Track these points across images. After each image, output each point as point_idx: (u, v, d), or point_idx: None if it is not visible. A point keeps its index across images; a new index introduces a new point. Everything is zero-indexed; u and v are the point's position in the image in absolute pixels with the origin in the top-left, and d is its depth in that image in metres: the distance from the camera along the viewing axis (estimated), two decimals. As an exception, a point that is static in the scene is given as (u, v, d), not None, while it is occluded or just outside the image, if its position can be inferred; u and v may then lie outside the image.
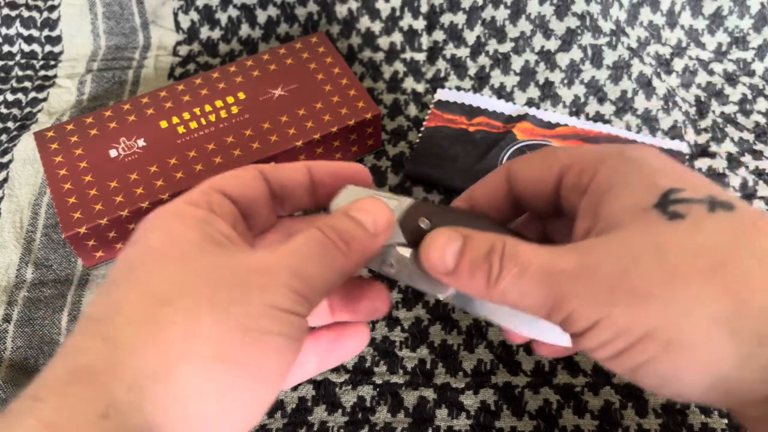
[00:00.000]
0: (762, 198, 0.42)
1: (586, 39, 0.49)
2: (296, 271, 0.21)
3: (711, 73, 0.50)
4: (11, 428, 0.17)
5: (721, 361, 0.19)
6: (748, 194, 0.42)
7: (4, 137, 0.47)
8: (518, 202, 0.26)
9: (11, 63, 0.52)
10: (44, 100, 0.50)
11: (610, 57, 0.49)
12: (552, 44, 0.49)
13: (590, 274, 0.20)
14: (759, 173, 0.44)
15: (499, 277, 0.22)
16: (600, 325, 0.20)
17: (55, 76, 0.51)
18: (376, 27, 0.51)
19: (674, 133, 0.46)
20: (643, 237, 0.20)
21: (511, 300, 0.22)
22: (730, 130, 0.46)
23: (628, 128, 0.46)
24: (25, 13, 0.52)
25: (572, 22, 0.49)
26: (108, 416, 0.17)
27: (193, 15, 0.52)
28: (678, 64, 0.50)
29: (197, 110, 0.42)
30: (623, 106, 0.47)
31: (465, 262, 0.23)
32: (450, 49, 0.50)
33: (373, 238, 0.23)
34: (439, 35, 0.50)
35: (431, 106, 0.47)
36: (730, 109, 0.48)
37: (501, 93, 0.48)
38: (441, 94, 0.47)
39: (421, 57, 0.50)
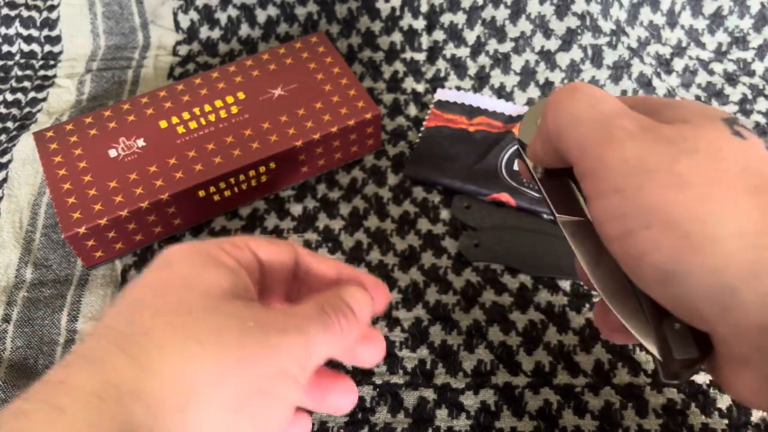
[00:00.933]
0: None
1: (587, 39, 0.49)
2: (309, 343, 0.22)
3: (711, 73, 0.50)
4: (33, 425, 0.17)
5: (732, 272, 0.18)
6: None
7: (3, 137, 0.47)
8: None
9: (11, 63, 0.52)
10: (44, 100, 0.50)
11: (610, 57, 0.49)
12: (552, 44, 0.49)
13: (647, 139, 0.20)
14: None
15: (567, 93, 0.23)
16: (625, 193, 0.20)
17: (54, 75, 0.51)
18: (376, 27, 0.51)
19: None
20: (707, 136, 0.20)
21: (564, 122, 0.23)
22: (730, 130, 0.46)
23: (629, 128, 0.46)
24: (25, 13, 0.52)
25: (572, 21, 0.49)
26: None
27: (193, 15, 0.52)
28: (678, 64, 0.50)
29: (197, 110, 0.42)
30: (623, 106, 0.47)
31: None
32: (450, 49, 0.50)
33: (359, 324, 0.24)
34: (439, 35, 0.50)
35: (431, 106, 0.47)
36: (730, 109, 0.48)
37: (501, 93, 0.48)
38: (441, 94, 0.47)
39: (421, 57, 0.50)
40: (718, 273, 0.18)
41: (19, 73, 0.52)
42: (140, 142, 0.40)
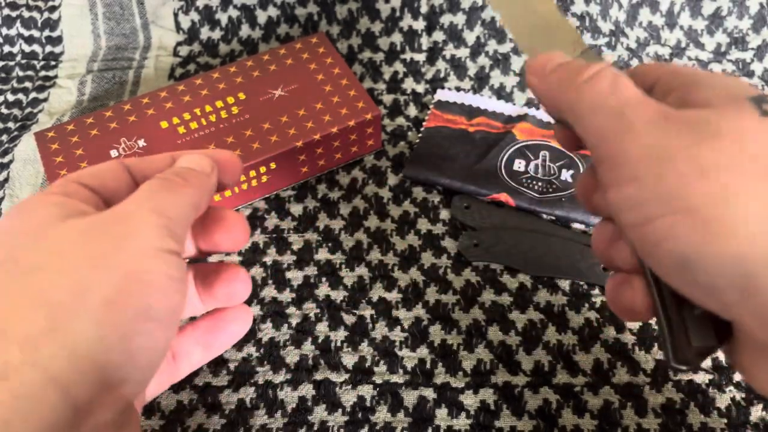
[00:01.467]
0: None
1: (586, 39, 0.49)
2: (154, 208, 0.22)
3: (710, 73, 0.50)
4: None
5: (752, 258, 0.18)
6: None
7: (4, 137, 0.47)
8: None
9: (12, 63, 0.53)
10: (45, 100, 0.50)
11: (609, 57, 0.49)
12: (551, 45, 0.49)
13: (665, 127, 0.20)
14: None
15: (587, 81, 0.22)
16: (643, 181, 0.20)
17: (55, 76, 0.51)
18: (376, 27, 0.51)
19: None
20: (731, 119, 0.20)
21: (583, 105, 0.22)
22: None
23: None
24: (26, 14, 0.52)
25: (572, 22, 0.49)
26: (7, 377, 0.18)
27: (194, 15, 0.52)
28: (677, 64, 0.50)
29: (197, 110, 0.42)
30: (623, 106, 0.47)
31: (562, 68, 0.24)
32: (450, 50, 0.50)
33: (205, 175, 0.25)
34: (438, 36, 0.50)
35: (431, 106, 0.47)
36: (729, 109, 0.48)
37: (501, 93, 0.48)
38: (441, 95, 0.48)
39: (421, 57, 0.50)
40: (739, 259, 0.18)
41: (21, 73, 0.52)
42: (141, 143, 0.41)
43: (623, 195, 0.21)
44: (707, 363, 0.35)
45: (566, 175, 0.42)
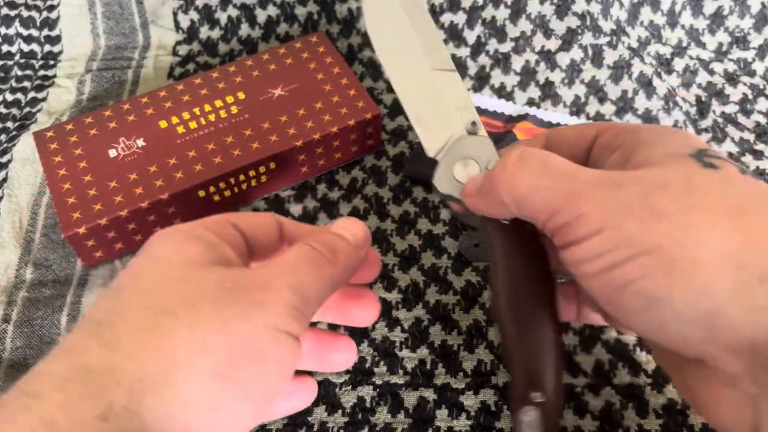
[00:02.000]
0: (763, 198, 0.42)
1: (587, 39, 0.49)
2: (292, 285, 0.21)
3: (711, 72, 0.50)
4: (9, 423, 0.17)
5: (718, 289, 0.18)
6: (749, 194, 0.42)
7: (3, 137, 0.47)
8: None
9: (10, 63, 0.52)
10: (43, 99, 0.50)
11: (610, 57, 0.48)
12: (552, 44, 0.49)
13: (613, 186, 0.21)
14: (760, 173, 0.43)
15: (515, 163, 0.23)
16: (606, 233, 0.20)
17: (54, 75, 0.51)
18: (376, 27, 0.51)
19: (675, 133, 0.46)
20: (675, 171, 0.21)
21: (519, 192, 0.23)
22: (730, 130, 0.46)
23: (629, 128, 0.46)
24: (25, 13, 0.52)
25: (572, 21, 0.49)
26: (107, 419, 0.17)
27: (193, 15, 0.52)
28: (678, 63, 0.50)
29: (197, 110, 0.42)
30: (624, 105, 0.47)
31: (488, 172, 0.25)
32: (450, 49, 0.50)
33: (356, 249, 0.24)
34: (438, 35, 0.50)
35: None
36: (730, 109, 0.48)
37: (501, 93, 0.48)
38: (441, 94, 0.47)
39: (421, 57, 0.50)
40: (705, 294, 0.19)
41: (19, 72, 0.52)
42: (140, 142, 0.40)
43: (585, 248, 0.21)
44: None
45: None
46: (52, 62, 0.52)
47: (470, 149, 0.28)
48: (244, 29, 0.52)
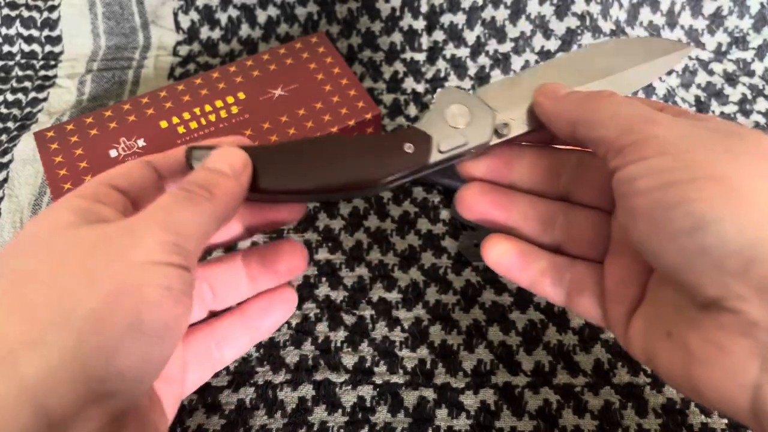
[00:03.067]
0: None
1: (586, 39, 0.49)
2: (162, 223, 0.21)
3: (711, 73, 0.50)
4: None
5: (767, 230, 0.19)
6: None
7: (4, 137, 0.47)
8: None
9: (11, 63, 0.52)
10: (44, 100, 0.50)
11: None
12: (552, 44, 0.49)
13: (689, 123, 0.22)
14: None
15: (605, 98, 0.24)
16: (672, 154, 0.21)
17: (55, 76, 0.51)
18: (376, 27, 0.51)
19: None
20: (751, 131, 0.22)
21: (600, 115, 0.24)
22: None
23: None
24: (25, 13, 0.52)
25: (572, 22, 0.49)
26: None
27: (193, 15, 0.52)
28: (678, 64, 0.50)
29: (197, 110, 0.42)
30: (623, 106, 0.47)
31: (574, 93, 0.26)
32: (450, 49, 0.50)
33: (236, 179, 0.24)
34: (439, 35, 0.50)
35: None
36: (729, 109, 0.48)
37: (501, 93, 0.48)
38: (441, 94, 0.47)
39: (421, 57, 0.50)
40: (756, 226, 0.19)
41: (20, 73, 0.52)
42: (141, 142, 0.41)
43: (646, 165, 0.21)
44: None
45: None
46: (52, 62, 0.52)
47: (449, 98, 0.29)
48: (245, 29, 0.52)
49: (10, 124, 0.48)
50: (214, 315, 0.31)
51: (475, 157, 0.29)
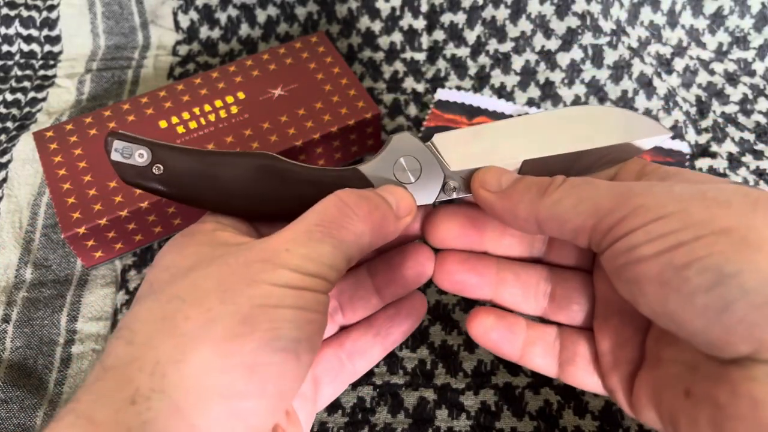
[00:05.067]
0: (763, 198, 0.42)
1: (587, 39, 0.49)
2: (301, 254, 0.22)
3: (712, 72, 0.50)
4: (55, 423, 0.19)
5: None
6: (749, 194, 0.42)
7: (3, 137, 0.47)
8: None
9: (10, 63, 0.52)
10: (43, 99, 0.49)
11: (610, 57, 0.48)
12: (552, 44, 0.49)
13: (666, 185, 0.21)
14: (760, 173, 0.43)
15: (560, 187, 0.23)
16: (670, 217, 0.20)
17: (54, 75, 0.51)
18: (376, 27, 0.51)
19: (675, 132, 0.46)
20: (721, 184, 0.21)
21: (564, 206, 0.22)
22: (730, 130, 0.46)
23: (629, 128, 0.46)
24: (25, 13, 0.52)
25: (573, 21, 0.49)
26: (135, 402, 0.19)
27: (193, 15, 0.52)
28: (679, 63, 0.50)
29: (197, 110, 0.42)
30: (624, 105, 0.47)
31: (521, 183, 0.24)
32: (450, 49, 0.50)
33: (395, 218, 0.24)
34: (439, 35, 0.50)
35: (431, 106, 0.47)
36: (730, 109, 0.48)
37: (501, 93, 0.48)
38: (441, 94, 0.47)
39: (421, 57, 0.50)
40: None
41: (19, 72, 0.52)
42: (140, 142, 0.40)
43: (644, 233, 0.20)
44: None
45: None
46: (52, 62, 0.52)
47: (403, 148, 0.26)
48: (244, 29, 0.52)
49: (9, 124, 0.48)
50: (344, 329, 0.31)
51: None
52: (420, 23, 0.50)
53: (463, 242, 0.28)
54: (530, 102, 0.48)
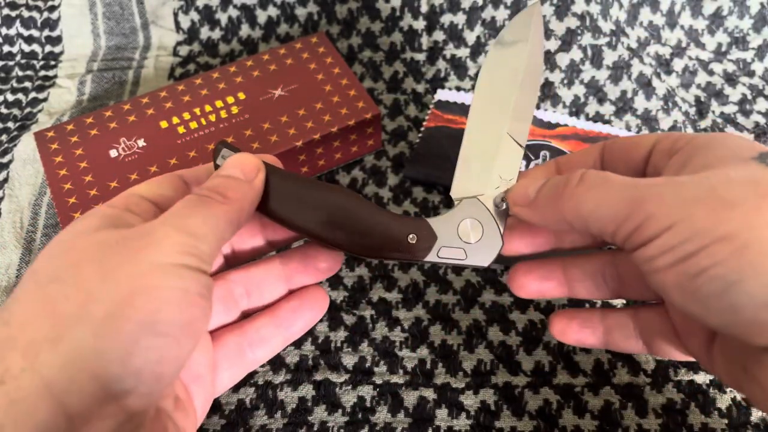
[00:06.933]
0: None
1: (586, 39, 0.49)
2: (177, 226, 0.22)
3: (711, 73, 0.50)
4: None
5: None
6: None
7: (4, 137, 0.47)
8: None
9: (11, 63, 0.52)
10: (44, 100, 0.50)
11: (609, 57, 0.49)
12: (552, 44, 0.49)
13: (676, 184, 0.21)
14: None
15: (578, 186, 0.23)
16: (676, 227, 0.20)
17: (55, 76, 0.51)
18: (377, 27, 0.51)
19: (674, 133, 0.46)
20: (737, 171, 0.21)
21: (585, 209, 0.23)
22: (730, 130, 0.46)
23: (628, 128, 0.46)
24: (26, 14, 0.52)
25: (572, 22, 0.49)
26: (4, 382, 0.19)
27: (193, 15, 0.52)
28: (678, 64, 0.50)
29: (197, 110, 0.42)
30: (623, 106, 0.47)
31: (544, 189, 0.25)
32: (450, 49, 0.50)
33: (248, 183, 0.25)
34: (439, 35, 0.50)
35: (431, 106, 0.47)
36: (729, 109, 0.48)
37: (501, 93, 0.48)
38: (441, 95, 0.47)
39: (421, 57, 0.50)
40: None
41: (20, 73, 0.52)
42: (141, 143, 0.41)
43: (656, 246, 0.21)
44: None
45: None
46: (52, 63, 0.52)
47: (470, 211, 0.28)
48: (245, 30, 0.52)
49: (10, 124, 0.48)
50: (247, 316, 0.31)
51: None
52: (420, 24, 0.50)
53: (533, 248, 0.29)
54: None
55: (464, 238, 0.28)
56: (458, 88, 0.49)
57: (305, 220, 0.27)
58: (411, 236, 0.27)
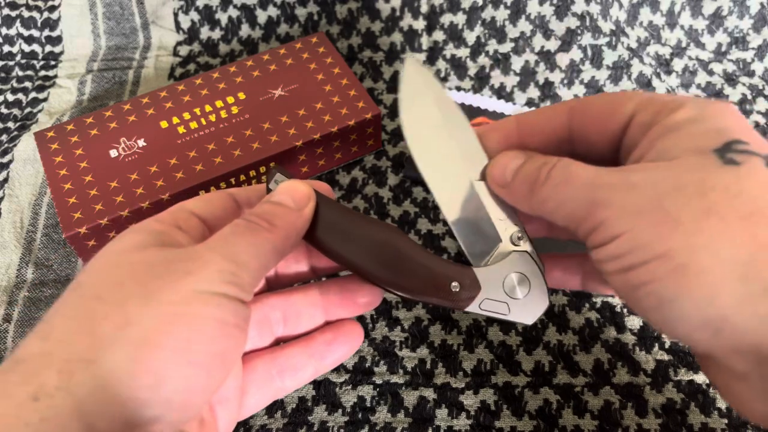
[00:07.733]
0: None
1: (586, 39, 0.49)
2: (223, 253, 0.22)
3: (711, 73, 0.50)
4: None
5: (723, 298, 0.19)
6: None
7: (4, 137, 0.47)
8: (572, 141, 0.26)
9: (11, 63, 0.52)
10: (44, 100, 0.50)
11: (610, 57, 0.49)
12: (552, 44, 0.49)
13: (629, 188, 0.22)
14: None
15: (544, 184, 0.24)
16: (622, 237, 0.21)
17: (55, 76, 0.51)
18: (377, 27, 0.51)
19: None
20: (691, 172, 0.21)
21: (549, 207, 0.24)
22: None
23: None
24: (26, 14, 0.52)
25: (572, 22, 0.49)
26: (38, 399, 0.19)
27: (194, 15, 0.52)
28: (678, 64, 0.50)
29: (197, 110, 0.42)
30: (623, 106, 0.47)
31: (518, 177, 0.25)
32: (450, 50, 0.50)
33: (298, 212, 0.25)
34: (439, 35, 0.50)
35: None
36: (729, 109, 0.48)
37: (501, 93, 0.48)
38: (441, 95, 0.47)
39: (421, 57, 0.50)
40: (710, 302, 0.19)
41: (20, 73, 0.52)
42: (141, 142, 0.41)
43: (606, 251, 0.22)
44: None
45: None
46: (53, 62, 0.52)
47: (518, 265, 0.27)
48: (245, 30, 0.52)
49: (10, 124, 0.48)
50: (280, 342, 0.31)
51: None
52: (420, 24, 0.50)
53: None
54: (530, 102, 0.48)
55: (509, 293, 0.27)
56: (458, 88, 0.49)
57: (349, 253, 0.26)
58: (454, 284, 0.26)
